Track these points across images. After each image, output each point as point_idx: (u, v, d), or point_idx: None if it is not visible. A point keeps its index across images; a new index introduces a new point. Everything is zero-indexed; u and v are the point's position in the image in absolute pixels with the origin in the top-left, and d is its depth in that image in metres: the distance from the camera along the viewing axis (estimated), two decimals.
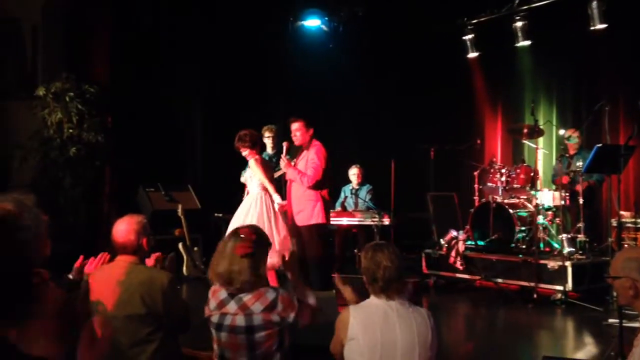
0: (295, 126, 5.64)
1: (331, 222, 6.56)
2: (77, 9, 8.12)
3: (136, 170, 7.69)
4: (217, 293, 2.85)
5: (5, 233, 1.48)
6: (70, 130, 7.55)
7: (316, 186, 5.51)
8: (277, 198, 5.63)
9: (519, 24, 8.09)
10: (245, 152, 5.70)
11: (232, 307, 2.78)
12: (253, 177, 5.71)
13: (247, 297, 2.78)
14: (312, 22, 8.94)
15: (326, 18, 8.90)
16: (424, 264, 7.27)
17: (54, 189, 7.54)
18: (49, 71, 7.92)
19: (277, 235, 5.54)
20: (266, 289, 2.82)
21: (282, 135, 6.61)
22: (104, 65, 8.17)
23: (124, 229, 3.09)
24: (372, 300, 2.75)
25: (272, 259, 5.50)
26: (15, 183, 7.81)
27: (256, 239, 2.89)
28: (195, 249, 7.15)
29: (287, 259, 5.11)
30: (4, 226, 1.48)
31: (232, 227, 5.04)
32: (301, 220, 5.55)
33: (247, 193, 5.88)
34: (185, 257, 6.96)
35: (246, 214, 5.55)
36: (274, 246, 5.55)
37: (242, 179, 6.08)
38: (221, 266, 2.80)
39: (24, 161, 7.55)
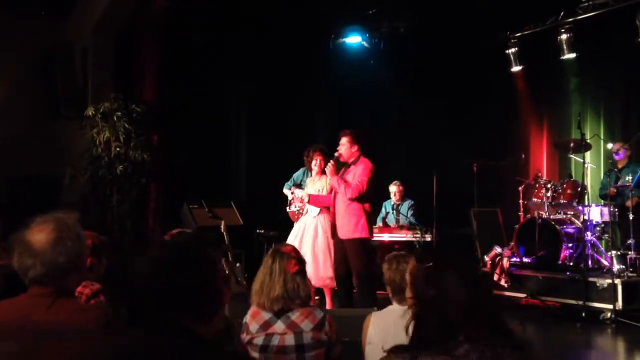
0: (342, 140, 5.61)
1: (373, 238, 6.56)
2: (126, 32, 8.39)
3: (181, 187, 7.83)
4: (259, 314, 2.75)
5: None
6: (118, 149, 7.77)
7: (359, 199, 5.42)
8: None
9: (564, 36, 7.96)
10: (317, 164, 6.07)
11: (279, 326, 2.70)
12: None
13: (294, 315, 2.71)
14: (353, 39, 8.99)
15: (367, 35, 8.93)
16: None
17: (102, 206, 7.76)
18: (98, 91, 8.19)
19: (333, 255, 5.71)
20: (314, 308, 2.79)
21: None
22: (151, 85, 8.39)
23: None
24: (394, 306, 2.80)
25: (330, 279, 5.72)
26: (65, 200, 8.07)
27: (299, 255, 2.88)
28: (238, 265, 7.21)
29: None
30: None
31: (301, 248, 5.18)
32: (344, 233, 5.46)
33: (305, 212, 6.06)
34: (227, 273, 7.06)
35: (301, 236, 5.93)
36: (330, 267, 5.74)
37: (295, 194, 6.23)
38: (277, 289, 2.71)
39: (74, 179, 7.80)
